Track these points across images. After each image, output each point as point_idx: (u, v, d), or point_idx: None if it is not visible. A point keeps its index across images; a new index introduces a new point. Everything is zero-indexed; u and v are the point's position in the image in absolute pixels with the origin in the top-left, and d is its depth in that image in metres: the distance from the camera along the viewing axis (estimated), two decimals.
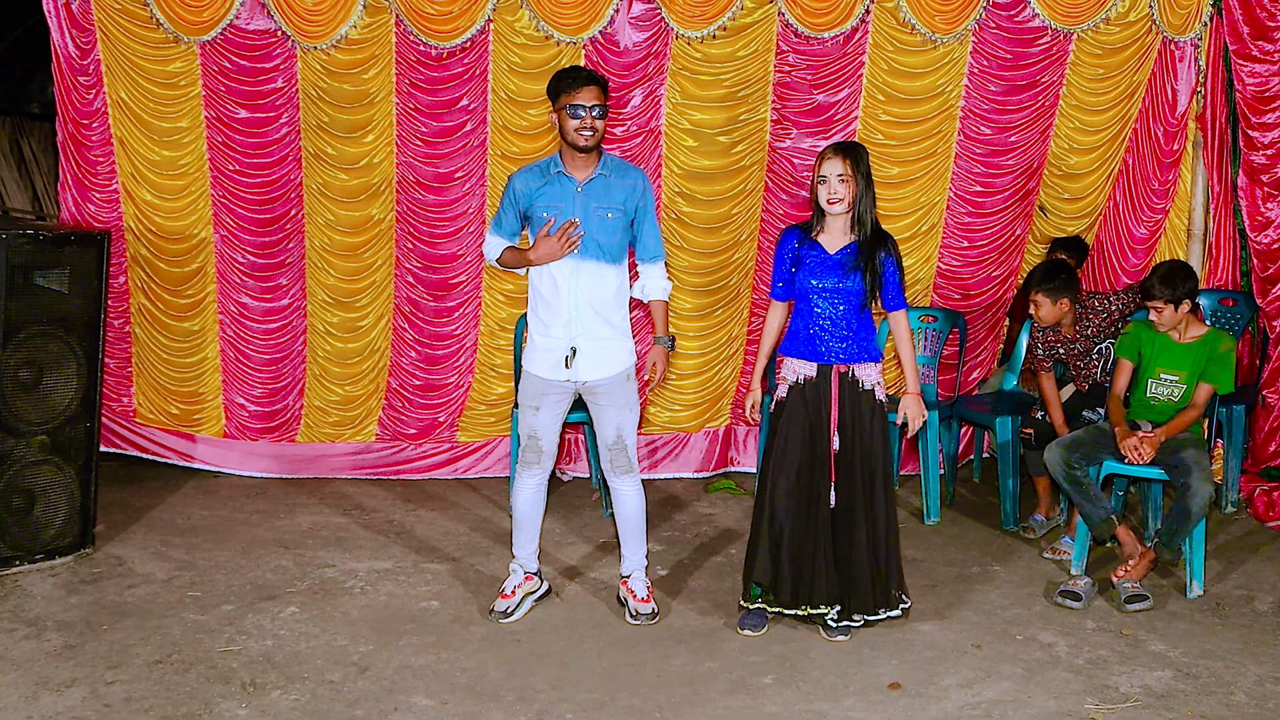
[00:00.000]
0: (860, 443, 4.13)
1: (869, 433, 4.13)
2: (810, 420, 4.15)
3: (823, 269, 4.11)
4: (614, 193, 4.11)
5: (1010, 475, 5.46)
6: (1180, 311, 4.67)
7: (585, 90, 4.01)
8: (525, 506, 4.34)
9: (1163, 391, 4.75)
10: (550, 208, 4.09)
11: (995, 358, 6.41)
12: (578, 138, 4.01)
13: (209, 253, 6.02)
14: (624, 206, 4.12)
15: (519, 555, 4.40)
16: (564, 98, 4.02)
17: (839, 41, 5.79)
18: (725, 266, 6.07)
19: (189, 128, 5.86)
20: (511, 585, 4.38)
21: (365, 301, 6.08)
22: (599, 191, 4.09)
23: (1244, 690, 3.83)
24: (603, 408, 4.23)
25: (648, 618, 4.32)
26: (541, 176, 4.13)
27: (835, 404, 4.13)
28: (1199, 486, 4.47)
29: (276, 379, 6.15)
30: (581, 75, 4.07)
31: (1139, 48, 5.80)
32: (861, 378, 4.14)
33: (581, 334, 4.12)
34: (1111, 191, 6.10)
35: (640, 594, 4.37)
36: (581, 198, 4.07)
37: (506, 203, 4.20)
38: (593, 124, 4.00)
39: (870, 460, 4.13)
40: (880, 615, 4.18)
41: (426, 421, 6.16)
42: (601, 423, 4.27)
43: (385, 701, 3.67)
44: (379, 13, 5.70)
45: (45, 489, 4.74)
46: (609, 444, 4.27)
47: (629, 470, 4.30)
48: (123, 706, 3.59)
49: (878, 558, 4.16)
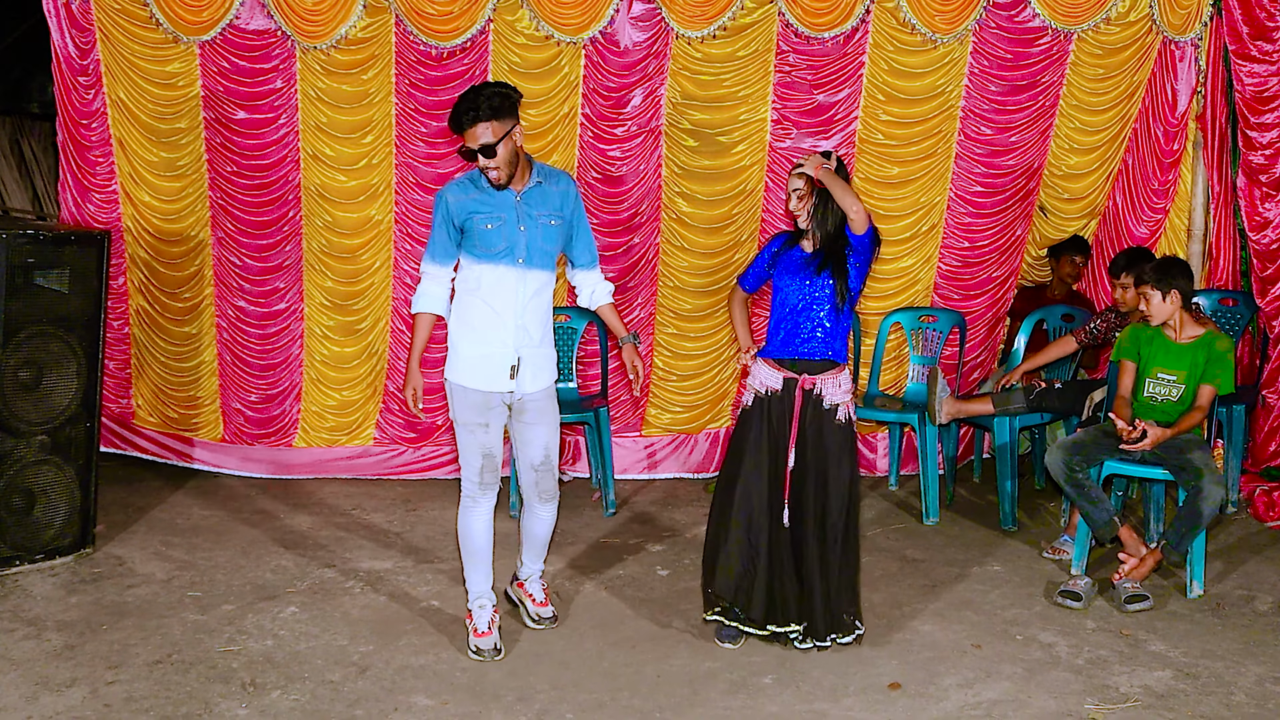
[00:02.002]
0: (817, 462, 4.05)
1: (829, 454, 4.05)
2: (771, 434, 4.09)
3: (794, 267, 4.16)
4: (551, 199, 3.98)
5: (1009, 476, 5.46)
6: (1170, 304, 4.66)
7: (472, 131, 3.76)
8: (482, 537, 4.07)
9: (1161, 391, 4.75)
10: (492, 218, 3.87)
11: (995, 358, 6.41)
12: (488, 177, 3.85)
13: (206, 255, 6.01)
14: (562, 213, 4.00)
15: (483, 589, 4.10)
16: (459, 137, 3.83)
17: (839, 41, 5.79)
18: (726, 267, 6.07)
19: (187, 128, 5.84)
20: (486, 620, 4.07)
21: (363, 304, 6.05)
22: (537, 199, 3.94)
23: (1244, 690, 3.83)
24: (530, 425, 4.04)
25: (550, 621, 4.26)
26: (477, 187, 3.91)
27: (796, 421, 4.07)
28: (1210, 490, 4.46)
29: (273, 384, 6.11)
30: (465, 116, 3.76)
31: (1139, 48, 5.80)
32: (827, 395, 4.07)
33: (525, 344, 3.97)
34: (1111, 191, 6.11)
35: (539, 598, 4.30)
36: (522, 206, 3.91)
37: (440, 223, 3.93)
38: (493, 166, 3.80)
39: (825, 481, 4.04)
40: (827, 641, 4.04)
41: (424, 425, 6.15)
42: (528, 441, 4.06)
43: (385, 701, 3.67)
44: (379, 13, 5.70)
45: (45, 489, 4.74)
46: (535, 464, 4.07)
47: (554, 496, 4.16)
48: (123, 706, 3.59)
49: (828, 581, 4.04)
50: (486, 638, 4.04)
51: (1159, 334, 4.75)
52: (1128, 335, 4.86)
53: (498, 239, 3.89)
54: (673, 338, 6.18)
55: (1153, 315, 4.70)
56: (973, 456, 6.41)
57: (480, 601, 4.10)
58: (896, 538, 5.31)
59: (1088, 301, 6.24)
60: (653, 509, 5.74)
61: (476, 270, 3.94)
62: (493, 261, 3.91)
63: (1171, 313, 4.69)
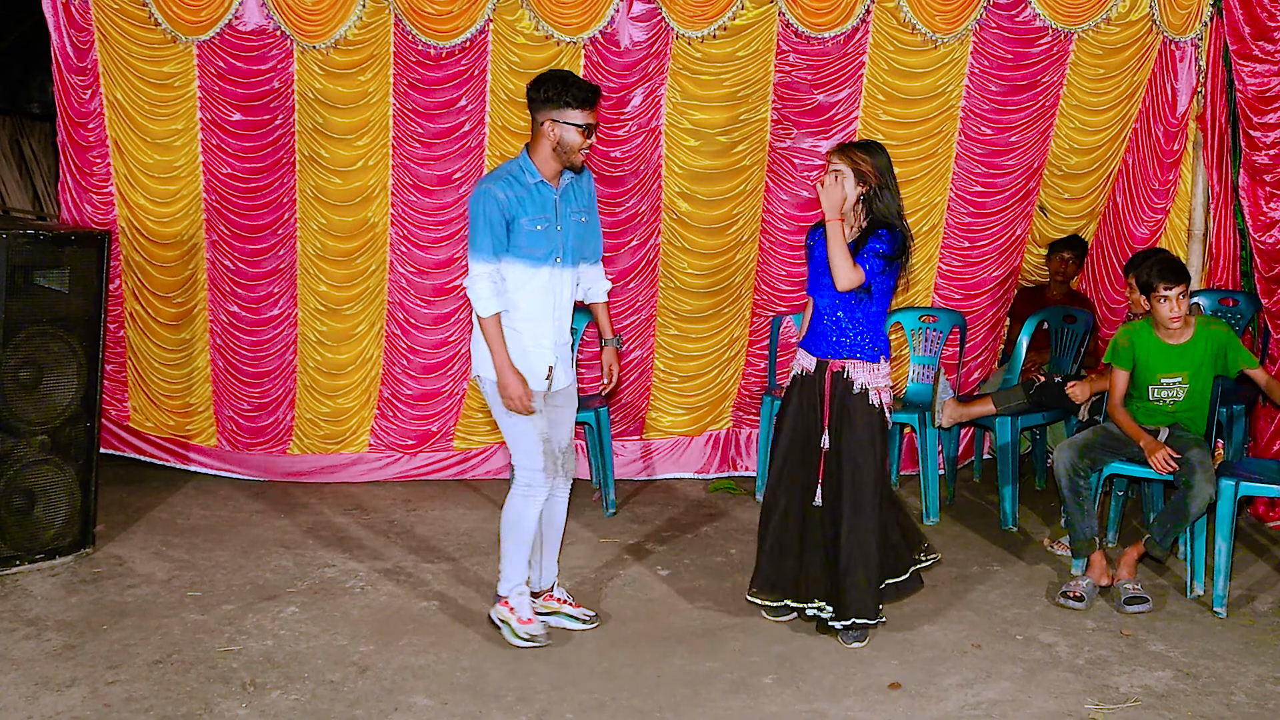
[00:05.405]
0: (845, 445, 4.11)
1: (855, 436, 4.09)
2: (805, 414, 4.19)
3: (820, 265, 4.14)
4: (580, 196, 4.02)
5: (1010, 476, 5.45)
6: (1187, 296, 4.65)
7: (595, 110, 3.89)
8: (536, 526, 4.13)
9: (1166, 395, 4.74)
10: (540, 219, 3.89)
11: (996, 358, 6.41)
12: (576, 158, 3.89)
13: (200, 260, 5.96)
14: (590, 208, 4.05)
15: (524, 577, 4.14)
16: (571, 112, 3.83)
17: (839, 41, 5.79)
18: (727, 267, 6.06)
19: (183, 130, 5.80)
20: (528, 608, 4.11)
21: (358, 309, 6.00)
22: (571, 196, 3.99)
23: (1244, 690, 3.83)
24: (561, 409, 4.17)
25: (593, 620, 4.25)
26: (521, 186, 3.89)
27: (827, 402, 4.14)
28: (1201, 488, 4.47)
29: (266, 393, 6.05)
30: (595, 92, 3.89)
31: (1139, 48, 5.80)
32: (855, 378, 4.11)
33: (560, 342, 4.06)
34: (1111, 191, 6.11)
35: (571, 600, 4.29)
36: (561, 204, 3.96)
37: (492, 218, 3.85)
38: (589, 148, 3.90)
39: (849, 464, 4.09)
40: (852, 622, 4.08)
41: (421, 431, 6.12)
42: (559, 423, 4.17)
43: (385, 701, 3.67)
44: (378, 13, 5.69)
45: (45, 489, 4.74)
46: (563, 447, 4.18)
47: (573, 473, 4.28)
48: (123, 706, 3.59)
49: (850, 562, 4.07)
50: (534, 624, 4.08)
51: (1153, 337, 4.73)
52: (1122, 339, 4.81)
53: (543, 241, 3.91)
54: (674, 339, 6.17)
55: (1177, 314, 4.63)
56: (973, 457, 6.40)
57: (519, 589, 4.11)
58: None
59: (1088, 301, 6.24)
60: (653, 510, 5.74)
61: (514, 271, 3.92)
62: (534, 263, 3.91)
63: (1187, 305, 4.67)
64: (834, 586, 4.12)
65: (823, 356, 4.16)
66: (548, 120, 3.87)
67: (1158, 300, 4.61)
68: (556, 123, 3.86)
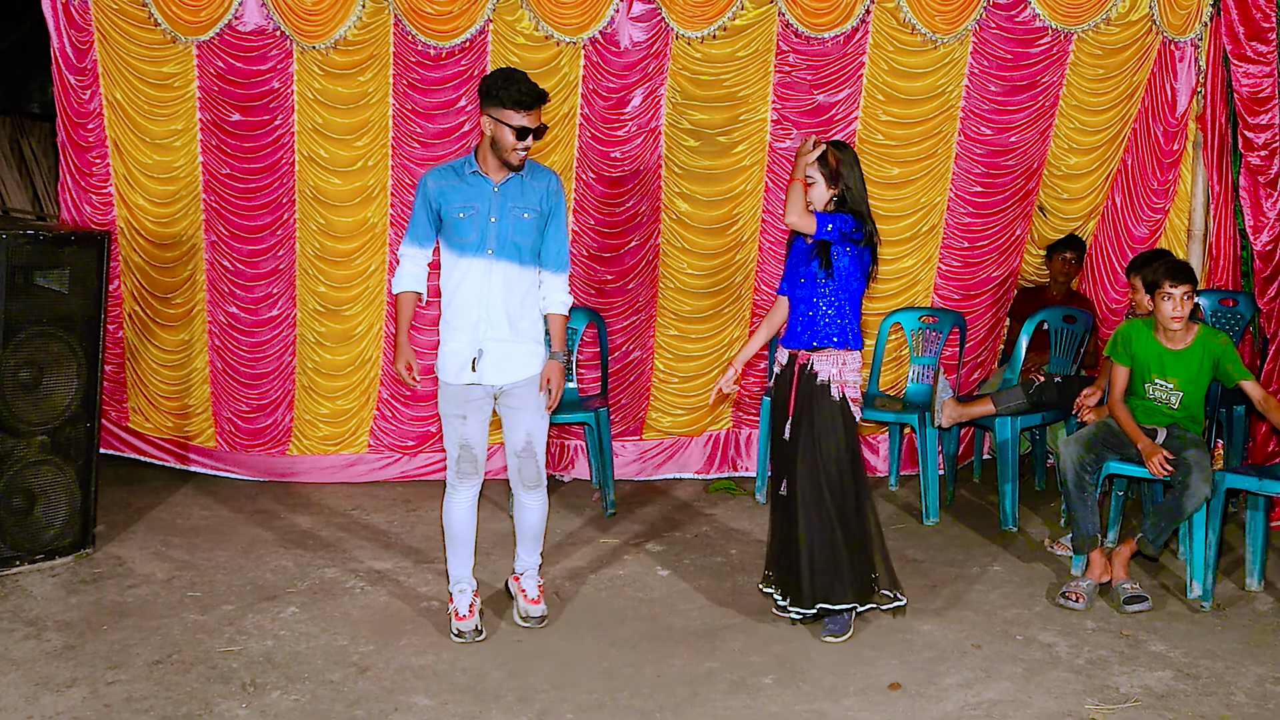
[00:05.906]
0: (805, 437, 4.16)
1: (816, 428, 4.14)
2: (778, 407, 4.31)
3: (796, 258, 4.26)
4: (529, 193, 4.04)
5: (1010, 476, 5.45)
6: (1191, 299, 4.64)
7: (534, 113, 3.90)
8: (462, 523, 4.18)
9: (1160, 395, 4.74)
10: (466, 207, 3.99)
11: (995, 358, 6.41)
12: (512, 158, 3.93)
13: (199, 260, 5.95)
14: (539, 207, 4.05)
15: (462, 573, 4.21)
16: (509, 112, 3.87)
17: (839, 42, 5.79)
18: (727, 268, 6.06)
19: (183, 130, 5.80)
20: (467, 604, 4.17)
21: (357, 310, 5.99)
22: (514, 191, 4.02)
23: (1244, 690, 3.83)
24: (514, 410, 4.14)
25: (536, 620, 4.25)
26: (456, 176, 4.03)
27: (793, 393, 4.21)
28: (1197, 488, 4.47)
29: (264, 395, 6.05)
30: (537, 97, 3.91)
31: (1139, 48, 5.80)
32: (819, 371, 4.16)
33: (489, 336, 4.03)
34: (1111, 191, 6.11)
35: (531, 594, 4.30)
36: (498, 197, 4.00)
37: (420, 206, 4.07)
38: (529, 149, 3.95)
39: (808, 456, 4.14)
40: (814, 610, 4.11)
41: (420, 431, 6.11)
42: (512, 426, 4.16)
43: (385, 701, 3.67)
44: (378, 13, 5.68)
45: (45, 489, 4.74)
46: (518, 450, 4.16)
47: (538, 483, 4.22)
48: (123, 706, 3.59)
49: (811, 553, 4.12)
50: (467, 620, 4.14)
51: (1152, 338, 4.73)
52: (1121, 335, 4.81)
53: (469, 229, 4.00)
54: (673, 339, 6.17)
55: (1180, 313, 4.61)
56: (973, 457, 6.40)
57: (460, 586, 4.21)
58: (897, 538, 5.30)
59: (1088, 301, 6.23)
60: (653, 510, 5.74)
61: (449, 262, 4.08)
62: (464, 253, 4.03)
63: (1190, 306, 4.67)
64: (790, 575, 4.18)
65: (794, 348, 4.24)
66: (486, 116, 3.95)
67: (1162, 298, 4.60)
68: (493, 120, 3.93)
